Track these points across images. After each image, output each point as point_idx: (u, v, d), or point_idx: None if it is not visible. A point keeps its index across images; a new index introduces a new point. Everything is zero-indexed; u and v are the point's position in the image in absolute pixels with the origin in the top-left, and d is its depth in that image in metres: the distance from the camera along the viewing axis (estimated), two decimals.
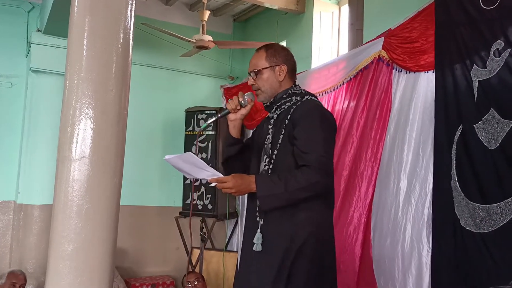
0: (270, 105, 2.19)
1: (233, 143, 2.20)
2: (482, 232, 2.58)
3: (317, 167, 1.92)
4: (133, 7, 2.55)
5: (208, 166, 1.96)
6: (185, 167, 2.00)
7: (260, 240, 2.00)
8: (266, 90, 2.17)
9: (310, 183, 1.91)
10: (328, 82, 4.25)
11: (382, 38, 3.60)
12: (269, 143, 2.09)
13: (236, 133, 2.18)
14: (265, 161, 2.08)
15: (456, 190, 2.77)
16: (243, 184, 1.95)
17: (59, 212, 2.30)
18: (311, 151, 1.95)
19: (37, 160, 4.78)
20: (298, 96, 2.16)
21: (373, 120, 3.59)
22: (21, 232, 4.81)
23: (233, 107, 2.13)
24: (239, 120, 2.16)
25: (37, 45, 4.83)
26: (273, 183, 1.93)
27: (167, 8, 5.77)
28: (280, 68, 2.17)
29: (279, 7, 5.06)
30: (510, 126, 2.50)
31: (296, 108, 2.09)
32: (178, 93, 5.69)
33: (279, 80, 2.17)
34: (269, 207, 1.96)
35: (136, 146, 4.97)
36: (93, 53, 2.37)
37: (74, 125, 2.32)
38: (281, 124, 2.09)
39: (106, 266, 2.34)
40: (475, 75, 2.72)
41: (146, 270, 5.41)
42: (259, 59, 2.19)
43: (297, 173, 1.93)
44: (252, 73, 2.18)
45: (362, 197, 3.56)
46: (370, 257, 3.41)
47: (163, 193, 5.57)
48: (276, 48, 2.23)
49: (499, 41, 2.59)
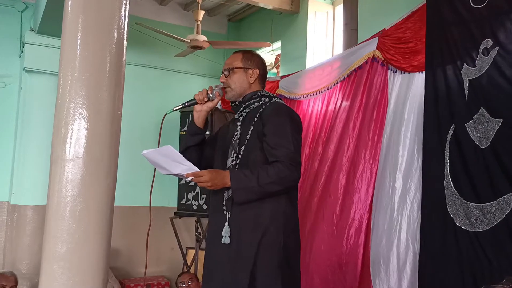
0: (239, 104, 2.28)
1: (196, 132, 2.29)
2: (477, 231, 2.59)
3: (287, 162, 2.03)
4: (127, 7, 2.54)
5: (186, 160, 2.02)
6: (162, 162, 2.06)
7: (228, 233, 2.07)
8: (235, 88, 2.27)
9: (280, 177, 2.01)
10: (322, 82, 4.26)
11: (376, 38, 3.61)
12: (237, 139, 2.18)
13: (200, 123, 2.27)
14: (232, 156, 2.16)
15: (450, 189, 2.78)
16: (217, 178, 2.03)
17: (53, 212, 2.29)
18: (280, 147, 2.06)
19: (31, 160, 4.75)
20: (267, 98, 2.26)
21: (370, 121, 3.60)
22: (14, 233, 4.79)
23: (201, 98, 2.24)
24: (204, 112, 2.26)
25: (30, 45, 4.81)
26: (246, 177, 2.02)
27: (162, 8, 5.76)
28: (253, 71, 2.28)
29: (274, 7, 5.06)
30: (499, 125, 2.50)
31: (266, 108, 2.19)
32: (172, 93, 5.67)
33: (250, 82, 2.28)
34: (242, 200, 2.04)
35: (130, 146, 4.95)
36: (86, 53, 2.36)
37: (68, 125, 2.30)
38: (250, 121, 2.19)
39: (100, 266, 2.33)
40: (466, 74, 2.72)
41: (141, 271, 5.39)
42: (235, 59, 2.31)
43: (269, 167, 2.03)
44: (226, 71, 2.29)
45: (362, 198, 3.57)
46: (368, 257, 3.42)
47: (157, 193, 5.53)
48: (252, 53, 2.36)
49: (487, 39, 2.59)
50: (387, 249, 3.24)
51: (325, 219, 3.75)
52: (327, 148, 3.94)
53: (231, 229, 2.08)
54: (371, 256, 3.39)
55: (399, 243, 3.17)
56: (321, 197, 3.84)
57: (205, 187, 2.07)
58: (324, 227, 3.74)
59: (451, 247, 2.73)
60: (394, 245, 3.20)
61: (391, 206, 3.28)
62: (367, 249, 3.45)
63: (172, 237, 5.30)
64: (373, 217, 3.44)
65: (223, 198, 2.12)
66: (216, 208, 2.18)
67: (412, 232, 3.10)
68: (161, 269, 5.48)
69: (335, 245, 3.61)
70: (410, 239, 3.11)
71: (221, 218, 2.12)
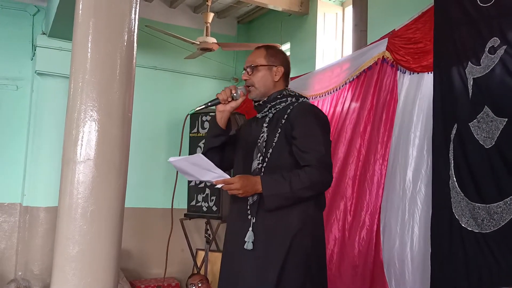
0: (263, 104, 2.18)
1: (219, 134, 2.17)
2: (484, 232, 2.55)
3: (319, 166, 1.96)
4: (137, 10, 2.56)
5: (216, 168, 1.94)
6: (190, 169, 1.98)
7: (252, 238, 2.00)
8: (260, 87, 2.16)
9: (313, 182, 1.95)
10: (331, 83, 4.25)
11: (386, 39, 3.59)
12: (264, 141, 2.08)
13: (223, 124, 2.16)
14: (258, 159, 2.07)
15: (455, 190, 2.74)
16: (248, 185, 1.95)
17: (64, 214, 2.31)
18: (311, 150, 1.98)
19: (43, 162, 4.80)
20: (293, 98, 2.17)
21: (380, 122, 3.58)
22: (27, 234, 4.83)
23: (224, 98, 2.10)
24: (227, 112, 2.14)
25: (42, 48, 4.85)
26: (279, 183, 1.94)
27: (171, 10, 5.79)
28: (277, 69, 2.17)
29: (283, 8, 5.06)
30: (504, 124, 2.46)
31: (293, 109, 2.10)
32: (182, 95, 5.70)
33: (274, 80, 2.17)
34: (274, 206, 1.96)
35: (140, 148, 4.99)
36: (97, 56, 2.38)
37: (79, 127, 2.33)
38: (277, 123, 2.09)
39: (111, 268, 2.35)
40: (470, 73, 2.68)
41: (151, 272, 5.42)
42: (258, 56, 2.19)
43: (300, 172, 1.95)
44: (249, 68, 2.17)
45: (373, 200, 3.54)
46: (381, 260, 3.39)
47: (167, 195, 5.57)
48: (276, 49, 2.24)
49: (494, 38, 2.55)
50: (401, 251, 3.21)
51: (337, 221, 3.74)
52: (337, 149, 3.92)
53: (255, 234, 2.00)
54: (384, 258, 3.36)
55: (413, 245, 3.15)
56: (332, 199, 3.82)
57: (235, 195, 1.98)
58: (337, 229, 3.73)
59: (457, 249, 2.69)
60: (408, 247, 3.18)
61: (402, 208, 3.26)
62: (378, 250, 3.43)
63: (182, 239, 5.32)
64: (383, 218, 3.42)
65: (247, 203, 2.04)
66: (239, 213, 2.09)
67: (424, 234, 3.07)
68: (171, 270, 5.50)
69: (348, 247, 3.60)
70: (423, 241, 3.08)
71: (244, 223, 2.04)
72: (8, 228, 4.90)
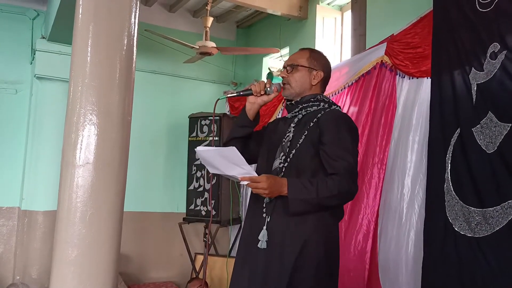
0: (295, 104, 2.15)
1: (245, 124, 2.16)
2: (477, 237, 2.55)
3: (347, 176, 1.93)
4: (137, 14, 2.57)
5: (246, 164, 1.88)
6: (217, 162, 1.91)
7: (266, 237, 1.98)
8: (296, 87, 2.14)
9: (341, 191, 1.91)
10: (330, 87, 4.23)
11: (385, 44, 3.60)
12: (288, 141, 2.06)
13: (251, 115, 2.15)
14: (281, 158, 2.05)
15: (450, 194, 2.75)
16: (275, 186, 1.91)
17: (63, 218, 2.31)
18: (341, 159, 1.95)
19: (41, 166, 4.79)
20: (327, 104, 2.14)
21: (378, 126, 3.59)
22: (25, 238, 4.82)
23: (257, 90, 2.09)
24: (258, 105, 2.13)
25: (41, 52, 4.86)
26: (305, 188, 1.91)
27: (171, 14, 5.80)
28: (317, 73, 2.15)
29: (282, 13, 5.07)
30: (508, 129, 2.47)
31: (324, 114, 2.07)
32: (181, 99, 5.71)
33: (312, 83, 2.15)
34: (298, 211, 1.93)
35: (139, 152, 4.98)
36: (97, 60, 2.39)
37: (78, 131, 2.33)
38: (305, 125, 2.06)
39: (110, 272, 2.35)
40: (474, 78, 2.70)
41: (150, 276, 5.40)
42: (301, 56, 2.17)
43: (328, 180, 1.92)
44: (289, 66, 2.15)
45: (370, 204, 3.54)
46: (377, 263, 3.40)
47: (166, 199, 5.58)
48: (320, 54, 2.23)
49: (495, 43, 2.57)
50: (396, 255, 3.22)
51: None
52: None
53: (268, 234, 1.98)
54: (379, 261, 3.36)
55: (408, 249, 3.15)
56: None
57: (260, 194, 1.94)
58: None
59: (450, 252, 2.70)
60: (403, 250, 3.18)
61: (400, 211, 3.26)
62: (374, 254, 3.43)
63: (180, 243, 5.31)
64: (380, 222, 3.43)
65: (263, 201, 2.02)
66: (255, 212, 2.07)
67: (420, 238, 3.07)
68: (170, 274, 5.49)
69: (343, 250, 3.60)
70: (418, 245, 3.09)
71: (259, 222, 2.02)
72: (7, 232, 4.89)
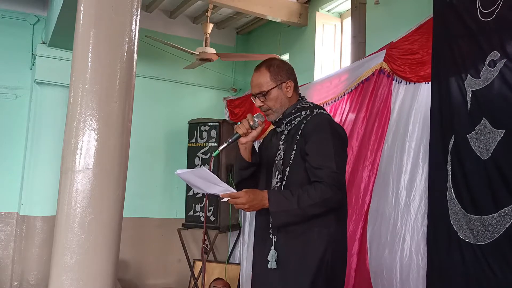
0: (279, 121, 2.15)
1: (246, 167, 2.17)
2: (480, 244, 2.55)
3: (329, 183, 1.91)
4: (138, 20, 2.58)
5: (221, 181, 1.92)
6: (197, 182, 1.97)
7: (275, 257, 1.98)
8: (277, 109, 2.13)
9: (323, 199, 1.90)
10: (329, 94, 4.26)
11: (384, 51, 3.62)
12: (281, 159, 2.06)
13: (248, 156, 2.14)
14: (277, 177, 2.06)
15: (453, 201, 2.75)
16: (255, 199, 1.92)
17: (62, 223, 2.30)
18: (323, 167, 1.94)
19: (40, 171, 4.79)
20: (308, 110, 2.13)
21: (372, 130, 3.60)
22: (23, 244, 4.81)
23: (244, 131, 2.07)
24: (250, 142, 2.12)
25: (42, 57, 4.87)
26: (286, 199, 1.91)
27: (171, 21, 5.82)
28: (287, 85, 2.13)
29: (282, 20, 5.10)
30: (501, 136, 2.48)
31: (307, 123, 2.06)
32: (181, 105, 5.72)
33: (288, 96, 2.14)
34: (281, 223, 1.95)
35: (139, 157, 4.98)
36: (97, 66, 2.39)
37: (78, 136, 2.33)
38: (292, 139, 2.07)
39: (109, 278, 2.34)
40: (469, 85, 2.71)
41: (148, 282, 5.38)
42: (264, 79, 2.12)
43: (310, 188, 1.92)
44: (259, 95, 2.12)
45: (358, 206, 3.53)
46: (367, 268, 3.38)
47: (165, 205, 5.57)
48: (278, 64, 2.17)
49: (495, 52, 2.58)
50: (390, 260, 3.20)
51: None
52: None
53: (278, 253, 1.99)
54: (371, 266, 3.34)
55: (403, 255, 3.14)
56: None
57: (241, 209, 1.97)
58: None
59: (456, 260, 2.69)
60: (398, 256, 3.17)
61: (394, 217, 3.24)
62: (362, 259, 3.41)
63: (179, 249, 5.30)
64: (371, 226, 3.41)
65: (268, 220, 2.02)
66: (262, 230, 2.09)
67: (416, 244, 3.06)
68: (168, 280, 5.47)
69: None
70: (414, 250, 3.07)
71: (267, 241, 2.03)
72: (5, 238, 4.88)
